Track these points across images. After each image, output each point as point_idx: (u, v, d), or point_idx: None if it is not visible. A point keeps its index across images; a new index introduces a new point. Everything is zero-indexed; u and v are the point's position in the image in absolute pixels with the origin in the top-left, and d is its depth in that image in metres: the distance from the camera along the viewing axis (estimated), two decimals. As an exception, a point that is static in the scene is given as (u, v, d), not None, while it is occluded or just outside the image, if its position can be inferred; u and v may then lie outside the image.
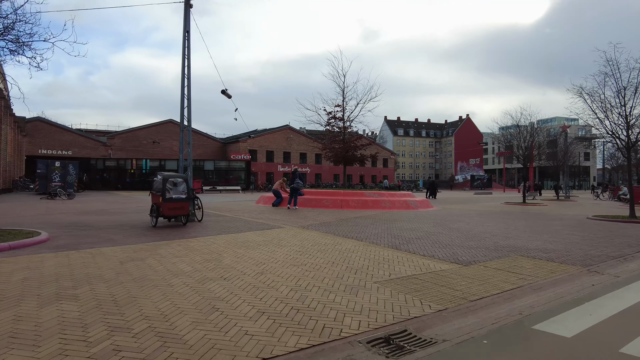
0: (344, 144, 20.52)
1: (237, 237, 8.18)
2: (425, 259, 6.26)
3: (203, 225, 10.28)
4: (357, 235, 8.79)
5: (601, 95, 14.71)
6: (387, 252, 6.76)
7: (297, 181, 16.18)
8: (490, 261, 6.23)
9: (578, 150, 43.56)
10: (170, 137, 57.31)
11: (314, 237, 8.32)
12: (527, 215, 15.34)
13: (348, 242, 7.75)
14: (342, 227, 10.27)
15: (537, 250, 7.22)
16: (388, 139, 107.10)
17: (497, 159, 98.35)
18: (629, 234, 10.07)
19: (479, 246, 7.60)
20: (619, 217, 14.31)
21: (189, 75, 11.63)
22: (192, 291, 4.33)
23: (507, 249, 7.38)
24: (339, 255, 6.40)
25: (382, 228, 10.16)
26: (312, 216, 13.07)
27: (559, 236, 9.19)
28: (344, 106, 20.41)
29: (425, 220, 12.60)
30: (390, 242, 7.92)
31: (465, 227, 10.82)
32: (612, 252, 7.30)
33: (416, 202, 17.91)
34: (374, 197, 17.10)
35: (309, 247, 7.10)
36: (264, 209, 16.29)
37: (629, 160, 14.50)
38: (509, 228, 10.73)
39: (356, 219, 12.28)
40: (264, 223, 10.92)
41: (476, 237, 8.76)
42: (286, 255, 6.33)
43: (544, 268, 5.81)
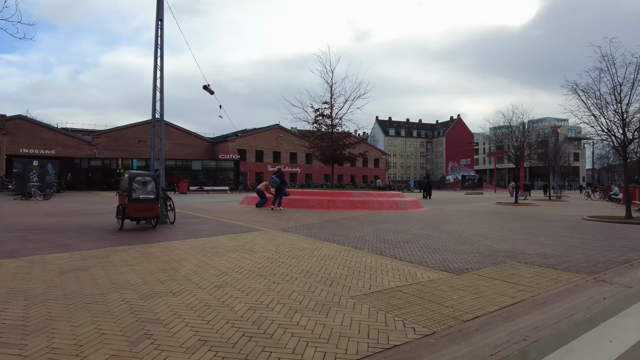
0: (332, 142, 19.81)
1: (206, 242, 7.40)
2: (412, 267, 5.55)
3: (174, 228, 9.49)
4: (340, 238, 8.07)
5: (596, 92, 14.21)
6: (370, 259, 6.04)
7: (272, 178, 15.40)
8: (484, 269, 5.55)
9: (569, 151, 43.41)
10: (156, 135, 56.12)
11: (292, 242, 7.58)
12: (521, 216, 14.76)
13: (329, 247, 7.02)
14: (325, 229, 9.54)
15: (536, 255, 6.56)
16: (379, 139, 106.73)
17: (488, 159, 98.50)
18: (630, 235, 9.48)
19: (472, 251, 6.92)
20: (615, 217, 13.79)
21: (161, 66, 10.82)
22: (128, 311, 3.56)
23: (503, 253, 6.71)
24: (316, 263, 5.67)
25: (368, 230, 9.45)
26: (295, 217, 12.33)
27: (557, 239, 8.56)
28: (332, 103, 19.70)
29: (414, 221, 11.92)
30: (375, 246, 7.20)
31: (457, 229, 10.16)
32: (616, 257, 6.67)
33: (406, 202, 17.25)
34: (362, 198, 16.40)
35: (283, 254, 6.35)
36: (247, 209, 15.51)
37: (624, 159, 13.98)
38: (503, 230, 10.09)
39: (342, 221, 11.56)
40: (241, 225, 10.16)
41: (468, 241, 8.09)
42: (255, 264, 5.58)
43: (545, 277, 5.13)
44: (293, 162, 60.07)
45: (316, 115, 19.63)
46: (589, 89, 14.29)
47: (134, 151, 54.00)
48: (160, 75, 10.77)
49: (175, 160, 51.96)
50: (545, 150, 34.39)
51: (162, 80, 10.79)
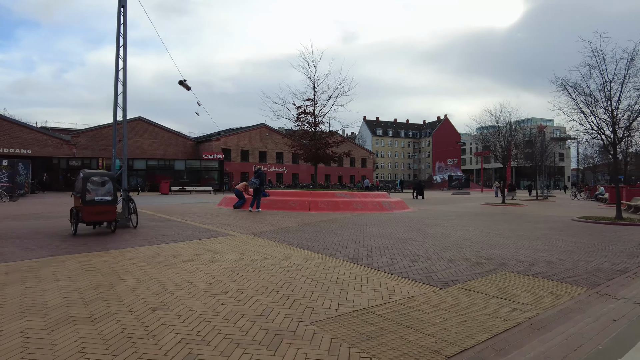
0: (315, 140, 19.06)
1: (162, 250, 6.58)
2: (391, 279, 4.83)
3: (134, 233, 8.63)
4: (315, 244, 7.32)
5: (585, 89, 13.74)
6: (344, 269, 5.31)
7: (251, 180, 14.61)
8: (472, 280, 4.86)
9: (555, 151, 43.42)
10: (138, 135, 54.84)
11: (261, 249, 6.81)
12: (509, 217, 14.21)
13: (300, 255, 6.27)
14: (301, 233, 8.79)
15: (529, 263, 5.90)
16: (367, 139, 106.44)
17: (474, 159, 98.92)
18: (624, 238, 8.94)
19: (459, 258, 6.24)
20: (605, 218, 13.32)
21: (124, 56, 9.93)
22: (18, 348, 2.76)
23: (493, 261, 6.04)
24: (281, 276, 4.91)
25: (347, 234, 8.73)
26: (272, 220, 11.55)
27: (549, 243, 7.95)
28: (314, 100, 18.96)
29: (398, 224, 11.25)
30: (353, 253, 6.48)
31: (443, 232, 9.51)
32: (615, 263, 6.06)
33: (391, 203, 16.60)
34: (345, 198, 15.69)
35: (246, 264, 5.58)
36: (224, 211, 14.67)
37: (614, 157, 13.53)
38: (492, 233, 9.47)
39: (321, 223, 10.82)
40: (210, 230, 9.34)
41: (455, 246, 7.42)
42: (208, 278, 4.80)
43: (541, 290, 4.47)
44: (279, 162, 59.19)
45: (298, 113, 18.87)
46: (578, 86, 13.85)
47: (115, 151, 52.39)
48: (122, 66, 9.89)
49: (158, 160, 50.76)
50: (532, 150, 34.19)
51: (125, 72, 9.90)
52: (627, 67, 12.90)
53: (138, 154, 52.15)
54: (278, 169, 59.45)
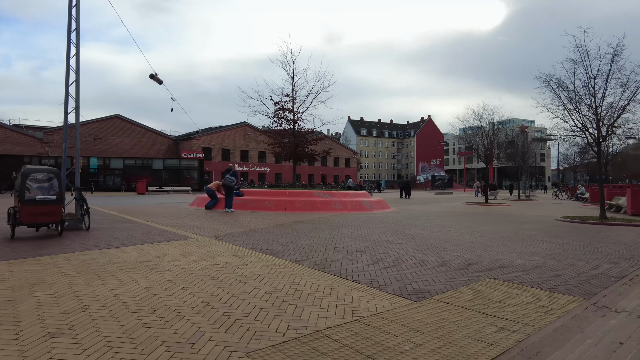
0: (294, 138, 18.32)
1: (102, 257, 5.76)
2: (358, 290, 4.15)
3: (83, 236, 7.76)
4: (282, 248, 6.61)
5: (569, 85, 13.37)
6: (306, 279, 4.60)
7: (227, 177, 13.82)
8: (452, 290, 4.22)
9: (537, 151, 43.63)
10: (117, 133, 53.29)
11: (218, 254, 6.06)
12: (493, 217, 13.74)
13: (260, 261, 5.54)
14: (270, 236, 8.06)
15: (515, 269, 5.30)
16: (351, 139, 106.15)
17: (457, 159, 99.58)
18: (612, 239, 8.48)
19: (438, 263, 5.60)
20: (589, 218, 12.97)
21: (77, 41, 9.03)
22: None
23: (476, 266, 5.42)
24: (229, 288, 4.18)
25: (320, 237, 8.03)
26: (242, 221, 10.79)
27: (535, 245, 7.40)
28: (293, 96, 18.22)
29: (377, 224, 10.61)
30: (321, 259, 5.78)
31: (423, 233, 8.90)
32: (607, 268, 5.51)
33: (371, 202, 15.99)
34: (323, 198, 15.01)
35: (194, 273, 4.83)
36: (194, 212, 13.82)
37: (598, 156, 13.17)
38: (475, 234, 8.90)
39: (295, 225, 10.10)
40: (170, 232, 8.53)
41: (435, 249, 6.80)
42: (143, 290, 4.04)
43: (531, 302, 3.85)
44: (262, 161, 58.24)
45: (276, 109, 18.10)
46: (562, 82, 13.47)
47: (90, 149, 50.88)
48: (75, 52, 8.99)
49: (136, 159, 49.28)
50: (514, 150, 34.14)
51: (78, 59, 9.01)
52: (612, 62, 12.56)
53: (115, 152, 50.60)
54: (260, 169, 58.49)
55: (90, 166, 46.51)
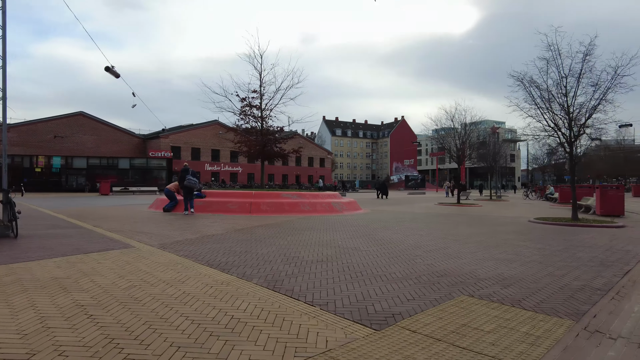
0: (262, 136, 17.48)
1: (14, 272, 4.80)
2: (309, 315, 3.43)
3: (7, 246, 6.72)
4: (232, 259, 5.81)
5: (542, 85, 13.13)
6: (249, 300, 3.85)
7: (189, 178, 12.88)
8: (422, 313, 3.56)
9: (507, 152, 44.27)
10: (80, 131, 50.81)
11: (154, 267, 5.21)
12: (465, 219, 13.33)
13: (201, 277, 4.74)
14: (223, 243, 7.24)
15: (492, 281, 4.71)
16: (326, 139, 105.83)
17: (430, 159, 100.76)
18: (587, 242, 8.10)
19: (407, 275, 4.96)
20: (562, 219, 12.73)
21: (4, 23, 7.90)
22: None
23: (448, 278, 4.80)
24: (149, 316, 3.37)
25: (281, 244, 7.28)
26: (199, 225, 9.90)
27: (511, 250, 6.89)
28: (261, 92, 17.38)
29: (346, 227, 9.95)
30: (275, 271, 5.03)
31: (393, 238, 8.28)
32: (590, 278, 5.01)
33: (341, 204, 15.35)
34: (292, 199, 14.25)
35: (115, 294, 3.99)
36: (149, 215, 12.79)
37: (570, 156, 12.96)
38: (448, 238, 8.35)
39: (255, 229, 9.30)
40: (112, 239, 7.58)
41: (405, 257, 6.16)
42: (34, 321, 3.17)
43: (514, 328, 3.22)
44: (234, 161, 56.82)
45: (243, 106, 17.20)
46: (534, 81, 13.22)
47: (53, 147, 48.40)
48: (2, 34, 7.88)
49: (100, 159, 47.07)
50: (486, 151, 34.36)
51: (5, 42, 7.90)
52: (583, 62, 12.37)
53: (79, 151, 48.24)
54: (232, 169, 57.09)
55: (53, 166, 44.09)
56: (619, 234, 9.60)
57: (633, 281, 4.97)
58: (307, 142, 71.73)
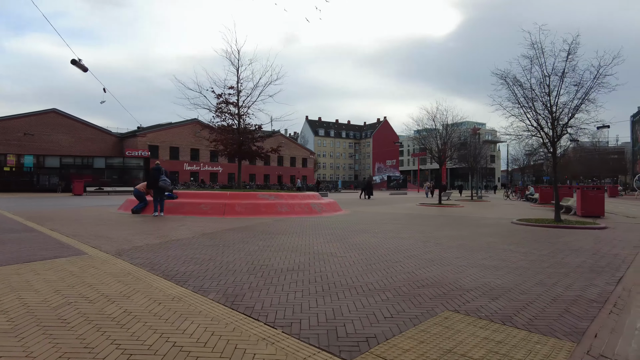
0: (239, 134, 16.82)
1: None
2: (267, 341, 2.88)
3: None
4: (192, 269, 5.22)
5: (525, 83, 12.90)
6: (200, 321, 3.28)
7: (163, 178, 12.19)
8: (400, 335, 3.06)
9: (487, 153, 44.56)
10: (53, 129, 48.97)
11: (100, 279, 4.58)
12: (447, 220, 12.99)
13: (150, 292, 4.14)
14: (187, 250, 6.62)
15: (479, 293, 4.26)
16: (309, 139, 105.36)
17: (412, 160, 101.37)
18: (573, 245, 7.79)
19: (385, 285, 4.46)
20: (544, 220, 12.50)
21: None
22: None
23: (430, 289, 4.33)
24: (72, 344, 2.77)
25: (250, 249, 6.70)
26: (166, 229, 9.23)
27: (497, 255, 6.48)
28: (238, 88, 16.72)
29: (323, 231, 9.43)
30: (237, 283, 4.47)
31: (372, 242, 7.80)
32: (583, 287, 4.61)
33: (321, 205, 14.83)
34: (268, 200, 13.66)
35: (41, 314, 3.36)
36: (116, 218, 12.02)
37: (554, 156, 12.75)
38: (429, 242, 7.91)
39: (226, 233, 8.69)
40: (66, 245, 6.87)
41: (382, 263, 5.68)
42: None
43: (507, 355, 2.75)
44: (214, 161, 55.75)
45: (219, 102, 16.51)
46: (516, 80, 12.98)
47: (24, 146, 46.51)
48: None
49: (75, 158, 45.35)
50: (467, 151, 34.40)
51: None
52: (566, 60, 12.17)
53: (52, 150, 46.47)
54: (213, 169, 55.99)
55: (25, 164, 42.25)
56: (602, 236, 9.37)
57: (628, 290, 4.60)
58: (290, 142, 71.06)
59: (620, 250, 7.40)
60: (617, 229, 11.24)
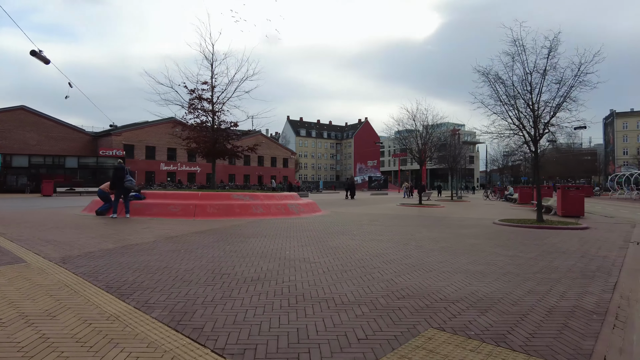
0: (213, 132, 16.07)
1: None
2: (212, 377, 2.30)
3: None
4: (141, 279, 4.57)
5: (507, 81, 12.63)
6: (132, 349, 2.66)
7: (129, 178, 11.43)
8: (377, 362, 2.52)
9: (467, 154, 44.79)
10: (21, 127, 46.86)
11: (27, 293, 3.89)
12: (428, 221, 12.59)
13: (83, 309, 3.49)
14: (142, 256, 5.94)
15: (466, 305, 3.76)
16: (291, 139, 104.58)
17: (393, 161, 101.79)
18: (560, 247, 7.44)
19: (361, 297, 3.93)
20: (526, 221, 12.25)
21: None
22: None
23: (412, 301, 3.82)
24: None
25: (214, 255, 6.07)
26: (127, 232, 8.49)
27: (482, 259, 6.04)
28: (212, 84, 15.98)
29: (299, 233, 8.86)
30: (190, 297, 3.86)
31: (350, 245, 7.27)
32: (578, 294, 4.19)
33: (299, 206, 14.25)
34: (243, 201, 12.99)
35: None
36: (77, 219, 11.16)
37: (535, 155, 12.52)
38: (410, 245, 7.44)
39: (191, 237, 8.02)
40: (4, 251, 6.10)
41: (360, 270, 5.15)
42: None
43: (504, 387, 2.24)
44: (192, 160, 54.43)
45: (191, 98, 15.73)
46: (498, 78, 12.71)
47: (-12, 144, 44.27)
48: None
49: (45, 157, 43.44)
50: (448, 152, 34.37)
51: None
52: (548, 57, 11.94)
53: (20, 149, 44.43)
54: (190, 169, 54.69)
55: (-2, 164, 40.15)
56: (586, 237, 9.10)
57: (627, 298, 4.19)
58: (271, 142, 70.17)
59: (607, 252, 7.09)
60: (599, 229, 11.05)
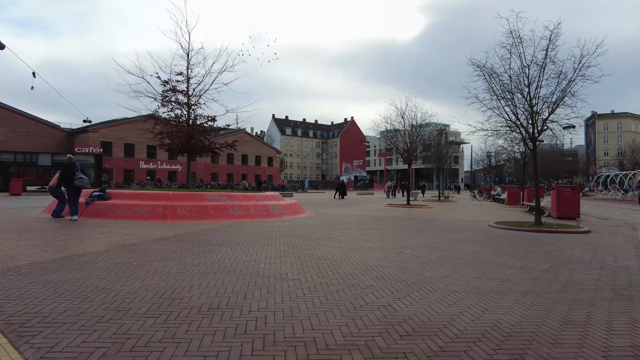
0: (188, 127, 14.90)
1: None
2: None
3: None
4: (62, 307, 3.49)
5: (502, 75, 11.82)
6: None
7: (80, 176, 10.24)
8: None
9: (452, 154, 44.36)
10: (-8, 124, 44.48)
11: None
12: (419, 224, 11.69)
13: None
14: (78, 272, 4.83)
15: (492, 346, 2.79)
16: (276, 138, 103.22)
17: (379, 160, 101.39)
18: (569, 255, 6.60)
19: (349, 338, 2.93)
20: (524, 224, 11.45)
21: None
22: None
23: (420, 342, 2.83)
24: None
25: (169, 271, 4.99)
26: (78, 238, 7.32)
27: (490, 272, 5.11)
28: (188, 75, 14.80)
29: (277, 239, 7.81)
30: (119, 338, 2.80)
31: (336, 254, 6.27)
32: (624, 324, 3.28)
33: (281, 207, 13.20)
34: (218, 202, 11.87)
35: None
36: (27, 223, 9.89)
37: (534, 153, 11.75)
38: (404, 253, 6.48)
39: (150, 245, 6.90)
40: None
41: (348, 291, 4.15)
42: None
43: None
44: (172, 158, 52.65)
45: (165, 90, 14.53)
46: (494, 72, 11.90)
47: (-45, 142, 41.90)
48: None
49: (15, 154, 41.26)
50: (435, 152, 33.77)
51: None
52: (547, 49, 11.16)
53: (-10, 148, 42.12)
54: (171, 167, 52.96)
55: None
56: (593, 242, 8.33)
57: (687, 331, 3.29)
58: (255, 141, 68.78)
59: (625, 261, 6.28)
60: (601, 232, 10.35)
